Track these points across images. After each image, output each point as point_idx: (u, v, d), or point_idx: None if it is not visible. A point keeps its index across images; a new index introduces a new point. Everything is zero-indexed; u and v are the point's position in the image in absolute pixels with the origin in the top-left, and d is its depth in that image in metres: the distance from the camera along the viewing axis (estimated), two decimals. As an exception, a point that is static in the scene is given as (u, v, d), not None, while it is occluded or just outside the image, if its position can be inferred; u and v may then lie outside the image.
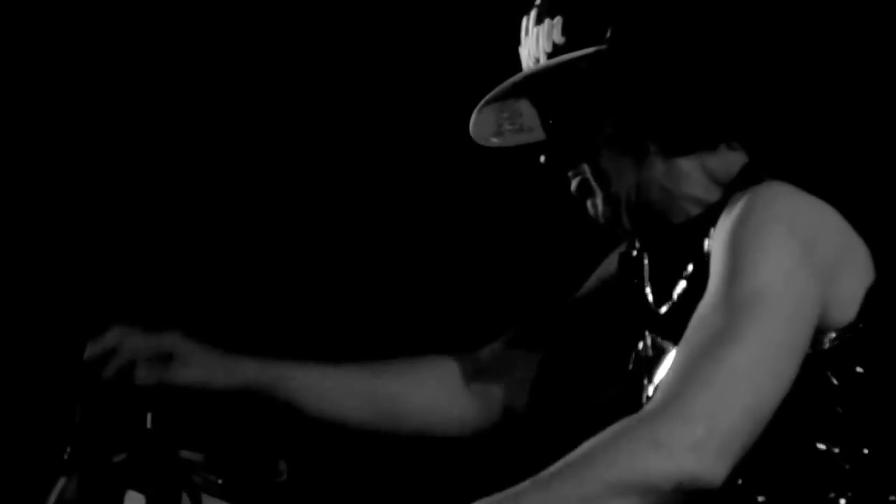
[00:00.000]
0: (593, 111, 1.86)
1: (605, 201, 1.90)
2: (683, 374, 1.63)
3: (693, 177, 1.87)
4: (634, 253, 1.98)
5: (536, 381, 2.14)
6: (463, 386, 2.13)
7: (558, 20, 1.83)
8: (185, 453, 1.93)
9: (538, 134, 1.98)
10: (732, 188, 1.84)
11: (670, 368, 1.67)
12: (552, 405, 2.15)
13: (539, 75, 1.86)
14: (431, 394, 2.11)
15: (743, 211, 1.73)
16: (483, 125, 1.97)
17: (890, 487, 1.75)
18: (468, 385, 2.13)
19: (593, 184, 1.90)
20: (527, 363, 2.13)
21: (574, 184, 1.93)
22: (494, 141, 2.01)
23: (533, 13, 1.90)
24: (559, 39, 1.84)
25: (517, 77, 1.86)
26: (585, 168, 1.90)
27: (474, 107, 1.94)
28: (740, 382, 1.61)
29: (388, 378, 2.13)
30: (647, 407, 1.64)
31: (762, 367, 1.61)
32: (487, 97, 1.90)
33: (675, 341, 1.74)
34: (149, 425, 1.93)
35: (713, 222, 1.81)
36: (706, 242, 1.81)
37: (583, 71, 1.84)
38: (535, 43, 1.87)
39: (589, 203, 1.93)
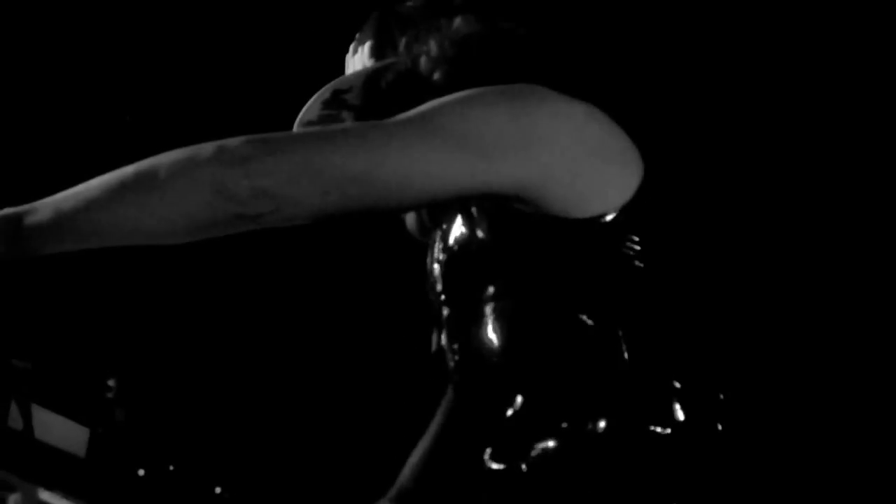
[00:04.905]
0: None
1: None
2: None
3: None
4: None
5: None
6: None
7: (367, 46, 2.05)
8: (14, 362, 1.88)
9: None
10: None
11: None
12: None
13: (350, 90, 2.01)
14: None
15: None
16: None
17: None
18: None
19: None
20: None
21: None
22: None
23: (351, 47, 2.10)
24: (368, 62, 2.03)
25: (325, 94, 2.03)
26: None
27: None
28: (334, 138, 1.65)
29: None
30: None
31: (373, 150, 1.64)
32: (307, 129, 2.07)
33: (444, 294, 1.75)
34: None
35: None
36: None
37: (388, 81, 1.98)
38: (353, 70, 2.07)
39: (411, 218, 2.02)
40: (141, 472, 2.82)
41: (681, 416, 1.66)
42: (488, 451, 1.68)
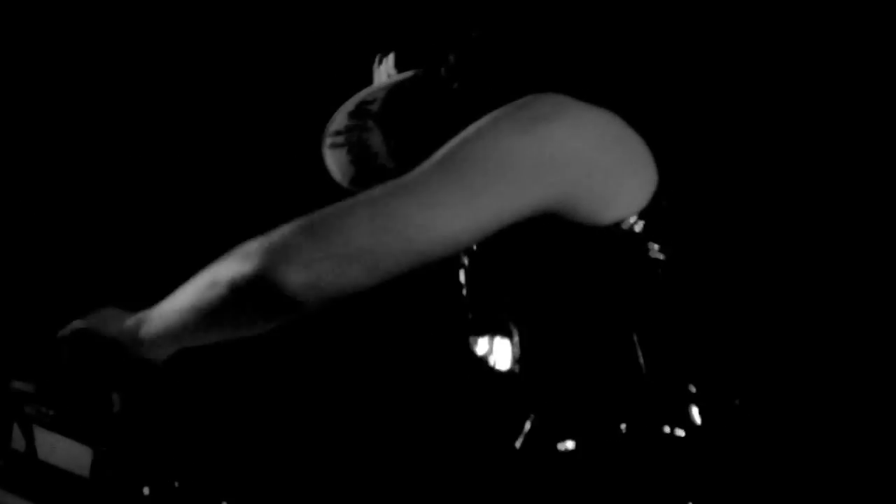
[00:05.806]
0: (427, 122, 2.03)
1: None
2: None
3: None
4: None
5: None
6: None
7: (391, 57, 2.14)
8: (16, 384, 1.87)
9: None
10: None
11: None
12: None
13: (377, 99, 2.12)
14: None
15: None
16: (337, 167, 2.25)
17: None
18: None
19: None
20: None
21: None
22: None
23: (376, 59, 2.20)
24: (392, 72, 2.12)
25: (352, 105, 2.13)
26: None
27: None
28: (367, 214, 1.66)
29: None
30: None
31: (405, 212, 1.64)
32: (334, 138, 2.12)
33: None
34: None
35: None
36: None
37: (410, 91, 2.09)
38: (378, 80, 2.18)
39: None
40: (146, 491, 2.81)
41: (696, 419, 1.68)
42: (513, 451, 1.72)
